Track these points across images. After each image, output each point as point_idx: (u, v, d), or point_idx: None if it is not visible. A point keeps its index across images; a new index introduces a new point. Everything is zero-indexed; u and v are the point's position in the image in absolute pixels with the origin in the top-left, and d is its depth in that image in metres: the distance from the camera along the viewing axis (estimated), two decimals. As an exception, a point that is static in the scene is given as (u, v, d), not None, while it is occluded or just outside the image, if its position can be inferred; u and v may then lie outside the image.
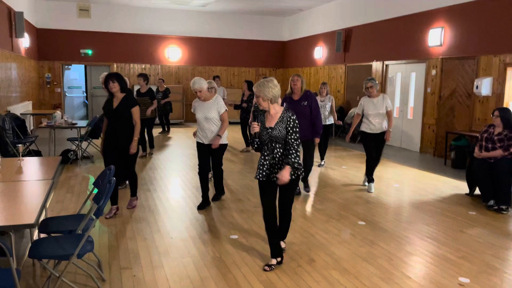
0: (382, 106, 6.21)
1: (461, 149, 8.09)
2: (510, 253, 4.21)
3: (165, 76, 15.28)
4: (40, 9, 13.65)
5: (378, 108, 6.20)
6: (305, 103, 5.57)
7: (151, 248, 4.13)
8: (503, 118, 5.66)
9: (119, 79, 4.82)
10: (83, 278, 3.45)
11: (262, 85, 3.64)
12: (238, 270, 3.69)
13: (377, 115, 6.21)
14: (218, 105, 5.24)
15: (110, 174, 3.33)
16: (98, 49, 14.47)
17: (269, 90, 3.60)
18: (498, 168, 5.53)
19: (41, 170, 4.07)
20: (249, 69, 16.38)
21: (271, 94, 3.61)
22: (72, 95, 15.63)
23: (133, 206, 5.41)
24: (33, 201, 3.02)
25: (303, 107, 5.54)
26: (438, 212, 5.47)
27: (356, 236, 4.53)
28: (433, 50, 9.36)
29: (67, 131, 10.56)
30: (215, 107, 5.22)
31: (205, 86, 5.21)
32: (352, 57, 12.38)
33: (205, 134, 5.28)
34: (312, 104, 5.58)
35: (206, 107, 5.24)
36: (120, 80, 4.83)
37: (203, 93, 5.21)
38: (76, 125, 8.14)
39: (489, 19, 8.00)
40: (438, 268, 3.81)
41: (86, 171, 7.41)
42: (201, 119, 5.24)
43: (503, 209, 5.43)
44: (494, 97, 7.92)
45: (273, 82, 3.68)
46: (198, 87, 5.13)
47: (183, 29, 15.34)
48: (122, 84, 4.84)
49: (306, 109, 5.55)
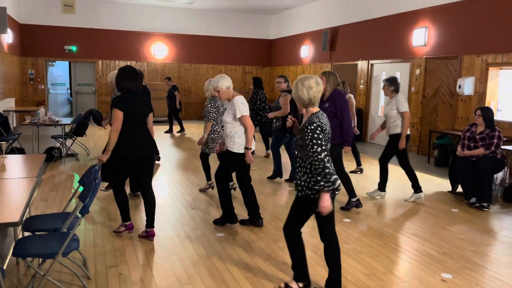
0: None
1: (444, 148, 8.23)
2: (490, 249, 4.31)
3: (151, 74, 15.19)
4: (24, 4, 13.43)
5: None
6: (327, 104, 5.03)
7: (137, 246, 4.12)
8: (485, 117, 5.78)
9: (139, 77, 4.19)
10: (68, 276, 3.43)
11: (296, 83, 3.04)
12: (224, 267, 3.71)
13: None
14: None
15: (96, 172, 3.31)
16: (82, 45, 14.30)
17: (302, 91, 2.99)
18: (480, 166, 5.65)
19: (25, 168, 4.02)
20: (235, 67, 16.38)
21: (305, 96, 3.00)
22: (56, 92, 15.43)
23: (153, 235, 4.34)
24: (17, 199, 2.99)
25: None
26: (422, 209, 5.56)
27: (341, 233, 4.58)
28: (417, 50, 9.49)
29: (50, 128, 10.42)
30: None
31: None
32: (338, 56, 12.47)
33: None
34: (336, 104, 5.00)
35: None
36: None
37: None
38: (60, 123, 8.04)
39: (472, 19, 8.14)
40: (421, 264, 3.88)
41: (71, 169, 7.33)
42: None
43: (485, 206, 5.55)
44: (476, 97, 8.07)
45: (309, 80, 3.00)
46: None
47: (169, 26, 15.26)
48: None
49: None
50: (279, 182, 6.77)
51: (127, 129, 4.02)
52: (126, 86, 4.04)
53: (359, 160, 7.59)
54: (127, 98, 4.03)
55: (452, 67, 8.71)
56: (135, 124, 4.07)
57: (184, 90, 15.57)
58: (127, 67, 4.13)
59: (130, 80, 4.05)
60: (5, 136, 7.87)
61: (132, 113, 4.01)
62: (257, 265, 3.76)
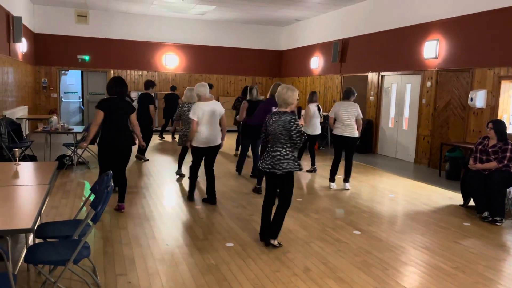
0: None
1: (455, 161, 8.15)
2: (504, 264, 4.24)
3: (162, 83, 15.31)
4: (38, 14, 13.68)
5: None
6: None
7: (146, 254, 4.12)
8: (497, 130, 5.73)
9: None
10: (78, 284, 3.44)
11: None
12: (233, 277, 3.69)
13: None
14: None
15: (108, 180, 3.33)
16: (95, 55, 14.49)
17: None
18: (492, 180, 5.58)
19: (37, 175, 4.07)
20: (245, 78, 16.45)
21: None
22: (68, 100, 15.61)
23: (123, 208, 5.50)
24: (30, 206, 3.02)
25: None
26: (433, 222, 5.50)
27: (351, 245, 4.55)
28: (428, 62, 9.47)
29: (62, 136, 10.52)
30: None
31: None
32: (348, 68, 12.48)
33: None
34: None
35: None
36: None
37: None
38: (72, 131, 8.12)
39: (484, 32, 8.11)
40: (432, 278, 3.83)
41: (82, 177, 7.39)
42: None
43: (497, 221, 5.47)
44: (488, 110, 8.01)
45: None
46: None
47: (181, 36, 15.41)
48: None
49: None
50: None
51: (107, 126, 5.09)
52: (113, 91, 5.16)
53: (314, 160, 8.63)
54: (108, 101, 5.12)
55: (463, 80, 8.67)
56: (114, 122, 5.09)
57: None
58: (115, 77, 5.27)
59: (115, 87, 5.15)
60: (18, 143, 7.97)
61: (111, 113, 5.05)
62: (266, 276, 3.73)
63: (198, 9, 13.38)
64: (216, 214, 5.51)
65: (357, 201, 6.40)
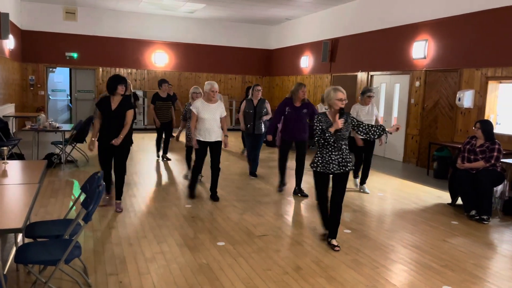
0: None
1: (443, 160, 8.25)
2: (491, 262, 4.31)
3: (151, 82, 15.22)
4: (26, 11, 13.49)
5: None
6: (305, 111, 6.38)
7: (137, 254, 4.10)
8: (484, 130, 5.81)
9: (126, 83, 5.44)
10: (68, 284, 3.41)
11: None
12: (225, 277, 3.69)
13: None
14: (222, 109, 6.02)
15: (99, 179, 3.31)
16: (83, 52, 14.34)
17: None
18: (480, 179, 5.66)
19: (26, 174, 4.02)
20: (235, 76, 16.44)
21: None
22: (56, 98, 15.44)
23: (122, 209, 5.47)
24: (20, 205, 2.98)
25: (303, 114, 6.39)
26: (421, 221, 5.57)
27: (342, 244, 4.58)
28: (417, 62, 9.56)
29: (50, 134, 10.38)
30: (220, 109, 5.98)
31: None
32: (338, 67, 12.54)
33: (207, 133, 5.89)
34: (312, 112, 6.41)
35: (213, 108, 5.91)
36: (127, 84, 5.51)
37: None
38: (61, 129, 8.03)
39: (471, 33, 8.22)
40: (422, 276, 3.88)
41: (70, 176, 7.32)
42: (210, 120, 5.86)
43: (485, 219, 5.56)
44: (475, 109, 8.12)
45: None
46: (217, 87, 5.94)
47: (171, 34, 15.33)
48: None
49: (305, 116, 6.42)
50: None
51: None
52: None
53: None
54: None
55: (451, 80, 8.78)
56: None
57: (184, 98, 15.58)
58: (113, 76, 5.38)
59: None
60: (5, 142, 7.86)
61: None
62: (258, 275, 3.74)
63: (188, 7, 13.33)
64: (206, 213, 5.50)
65: (347, 200, 6.43)
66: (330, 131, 4.24)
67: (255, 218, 5.37)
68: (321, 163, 4.39)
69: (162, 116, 8.87)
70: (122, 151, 5.34)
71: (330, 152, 4.36)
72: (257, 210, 5.73)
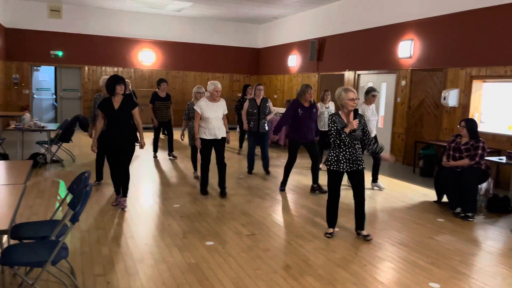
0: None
1: (429, 158, 8.36)
2: (476, 259, 4.38)
3: (138, 80, 15.11)
4: (9, 9, 13.26)
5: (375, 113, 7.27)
6: (314, 110, 6.62)
7: (125, 254, 4.08)
8: (469, 129, 5.90)
9: (124, 82, 5.40)
10: (55, 285, 3.37)
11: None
12: (214, 276, 3.69)
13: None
14: (225, 107, 6.23)
15: (86, 179, 3.28)
16: (69, 50, 14.16)
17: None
18: (465, 176, 5.75)
19: (11, 174, 3.96)
20: (223, 75, 16.40)
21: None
22: (41, 97, 15.21)
23: (125, 206, 5.56)
24: (5, 206, 2.94)
25: (314, 114, 6.62)
26: (408, 219, 5.63)
27: (330, 242, 4.61)
28: (403, 62, 9.66)
29: (35, 134, 10.24)
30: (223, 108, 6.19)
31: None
32: (325, 66, 12.60)
33: (214, 131, 6.05)
34: (317, 111, 6.73)
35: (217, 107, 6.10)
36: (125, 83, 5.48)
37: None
38: (46, 128, 7.92)
39: (456, 33, 8.33)
40: (409, 273, 3.92)
41: (56, 176, 7.23)
42: (215, 118, 6.02)
43: (469, 216, 5.64)
44: (460, 108, 8.24)
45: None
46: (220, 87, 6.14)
47: (157, 33, 15.23)
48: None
49: (315, 115, 6.64)
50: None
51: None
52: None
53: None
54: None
55: (437, 79, 8.88)
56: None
57: (172, 97, 15.47)
58: (111, 76, 5.33)
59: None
60: (-11, 142, 7.73)
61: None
62: (247, 274, 3.75)
63: (175, 5, 13.25)
64: (195, 213, 5.49)
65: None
66: (345, 132, 4.44)
67: (244, 217, 5.38)
68: (335, 162, 4.59)
69: (161, 115, 8.85)
70: (128, 150, 5.44)
71: (344, 152, 4.57)
72: (246, 209, 5.74)
